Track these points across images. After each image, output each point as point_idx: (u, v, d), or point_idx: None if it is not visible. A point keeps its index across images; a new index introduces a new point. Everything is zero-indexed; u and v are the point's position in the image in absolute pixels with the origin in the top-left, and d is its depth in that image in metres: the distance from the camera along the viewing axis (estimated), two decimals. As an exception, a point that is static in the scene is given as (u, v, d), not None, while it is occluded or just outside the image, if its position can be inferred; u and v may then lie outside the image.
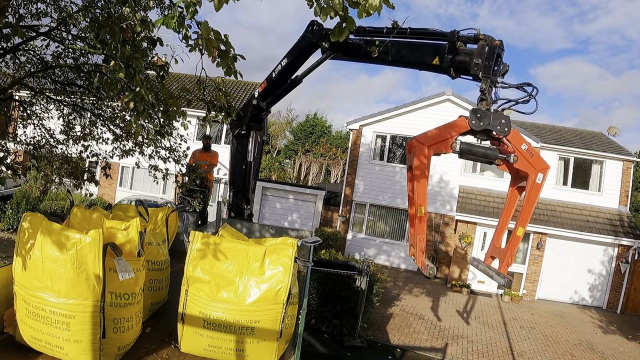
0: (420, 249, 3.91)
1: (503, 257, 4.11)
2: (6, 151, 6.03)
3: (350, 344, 8.24)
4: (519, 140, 3.89)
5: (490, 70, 3.94)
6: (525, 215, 4.01)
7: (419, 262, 3.93)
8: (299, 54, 5.87)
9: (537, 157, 3.89)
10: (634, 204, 21.29)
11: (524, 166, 3.91)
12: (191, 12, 2.43)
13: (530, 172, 3.90)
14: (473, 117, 3.83)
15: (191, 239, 3.14)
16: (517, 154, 3.88)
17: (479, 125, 3.84)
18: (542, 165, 3.90)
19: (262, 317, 2.99)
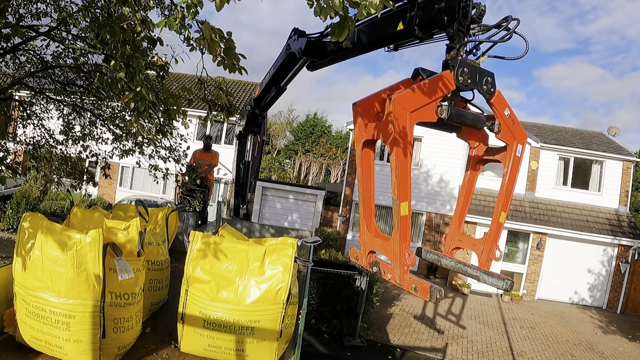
0: (403, 262, 2.76)
1: (485, 249, 3.31)
2: (6, 151, 6.03)
3: (350, 343, 8.24)
4: (502, 104, 3.16)
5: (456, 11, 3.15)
6: (506, 197, 3.27)
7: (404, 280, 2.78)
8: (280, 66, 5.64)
9: (518, 124, 3.21)
10: (633, 204, 21.29)
11: (505, 136, 3.19)
12: (192, 13, 2.44)
13: (510, 143, 3.20)
14: (461, 72, 2.91)
15: (191, 239, 3.14)
16: (499, 121, 3.15)
17: (467, 84, 2.96)
18: (522, 134, 3.23)
19: (262, 317, 2.99)
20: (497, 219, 3.28)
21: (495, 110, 3.17)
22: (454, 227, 3.63)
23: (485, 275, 2.98)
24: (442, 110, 2.82)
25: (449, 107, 2.87)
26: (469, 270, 3.14)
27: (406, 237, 2.79)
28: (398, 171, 2.71)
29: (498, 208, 3.29)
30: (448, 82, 2.91)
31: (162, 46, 3.64)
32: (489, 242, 3.29)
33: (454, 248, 3.61)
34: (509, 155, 3.23)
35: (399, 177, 2.71)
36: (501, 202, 3.29)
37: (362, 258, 3.24)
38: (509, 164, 3.22)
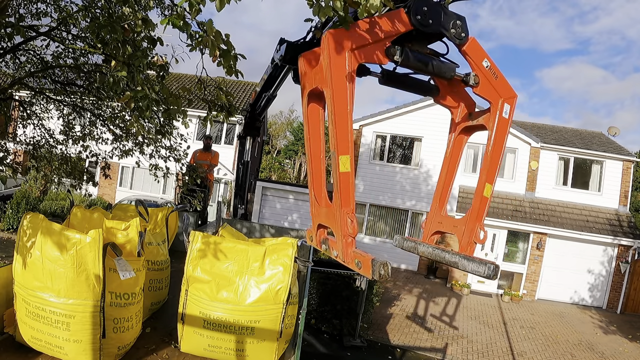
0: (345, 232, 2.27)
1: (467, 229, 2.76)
2: (6, 151, 6.03)
3: (350, 343, 8.24)
4: (479, 54, 2.66)
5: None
6: (492, 166, 2.75)
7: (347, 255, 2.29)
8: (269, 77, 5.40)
9: (502, 79, 2.73)
10: (633, 204, 21.29)
11: (486, 92, 2.70)
12: (195, 12, 2.44)
13: (494, 101, 2.71)
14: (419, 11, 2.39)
15: (191, 239, 3.14)
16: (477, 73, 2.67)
17: (427, 24, 2.41)
18: (509, 92, 2.73)
19: (262, 317, 2.99)
20: (481, 193, 2.74)
21: (471, 60, 2.68)
22: (434, 209, 3.11)
23: (464, 261, 2.49)
24: (394, 51, 2.39)
25: (405, 49, 2.43)
26: (447, 257, 2.66)
27: (348, 200, 2.28)
28: (335, 117, 2.21)
29: (482, 179, 2.74)
30: (401, 21, 2.38)
31: (162, 46, 3.64)
32: (470, 222, 2.73)
33: (434, 233, 3.07)
34: (493, 115, 2.72)
35: (337, 125, 2.21)
36: (485, 172, 2.75)
37: (313, 236, 2.74)
38: (494, 125, 2.71)
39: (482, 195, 2.73)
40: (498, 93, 2.70)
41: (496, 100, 2.70)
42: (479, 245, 3.02)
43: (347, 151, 2.23)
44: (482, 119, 2.84)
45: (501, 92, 2.71)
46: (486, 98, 2.72)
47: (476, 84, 2.66)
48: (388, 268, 2.05)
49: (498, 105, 2.69)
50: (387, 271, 2.05)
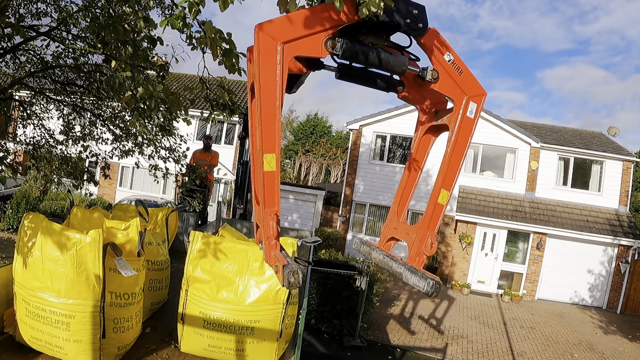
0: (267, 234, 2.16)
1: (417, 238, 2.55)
2: (6, 151, 6.02)
3: (350, 343, 8.24)
4: (440, 47, 2.43)
5: None
6: (450, 170, 2.54)
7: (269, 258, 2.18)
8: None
9: (468, 75, 2.47)
10: (634, 204, 21.29)
11: (448, 89, 2.45)
12: (194, 12, 2.44)
13: (457, 99, 2.46)
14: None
15: (191, 239, 3.15)
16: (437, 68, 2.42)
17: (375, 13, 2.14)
18: (476, 89, 2.48)
19: (262, 317, 2.99)
20: (435, 199, 2.53)
21: (430, 52, 2.42)
22: (392, 213, 2.90)
23: (408, 273, 2.36)
24: (333, 43, 2.17)
25: (345, 41, 2.19)
26: (393, 267, 2.51)
27: (272, 200, 2.13)
28: (262, 112, 2.05)
29: (437, 185, 2.54)
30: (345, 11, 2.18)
31: (162, 46, 3.65)
32: (421, 230, 2.53)
33: (390, 239, 2.87)
34: (455, 114, 2.48)
35: (263, 121, 2.06)
36: (442, 177, 2.54)
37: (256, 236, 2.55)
38: (455, 125, 2.48)
39: (436, 202, 2.53)
40: (462, 90, 2.47)
41: (460, 97, 2.47)
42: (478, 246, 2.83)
43: (272, 149, 2.10)
44: (446, 118, 2.62)
45: (466, 89, 2.47)
46: (448, 95, 2.49)
47: (434, 80, 2.41)
48: (298, 277, 1.95)
49: (462, 104, 2.46)
50: (297, 279, 1.96)
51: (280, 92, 2.07)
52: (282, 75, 2.07)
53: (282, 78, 2.08)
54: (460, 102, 2.47)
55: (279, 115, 2.10)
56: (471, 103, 2.47)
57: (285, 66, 2.08)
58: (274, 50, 2.05)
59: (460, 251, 14.44)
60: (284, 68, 2.07)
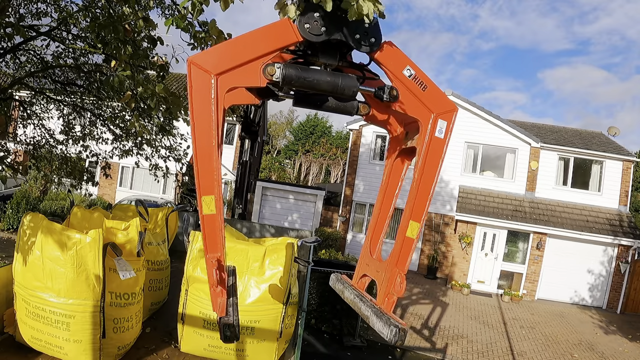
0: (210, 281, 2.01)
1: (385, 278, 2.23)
2: (6, 151, 6.03)
3: (350, 343, 8.24)
4: (397, 61, 2.13)
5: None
6: (420, 200, 2.22)
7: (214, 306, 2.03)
8: None
9: (434, 90, 2.17)
10: (633, 204, 21.30)
11: (411, 107, 2.16)
12: (197, 12, 2.44)
13: (422, 118, 2.16)
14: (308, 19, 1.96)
15: (191, 239, 3.15)
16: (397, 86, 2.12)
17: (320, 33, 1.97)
18: (445, 105, 2.18)
19: (262, 317, 2.99)
20: (403, 233, 2.19)
21: (386, 69, 2.13)
22: (365, 248, 2.56)
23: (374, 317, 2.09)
24: (272, 69, 1.95)
25: (286, 66, 1.97)
26: (362, 308, 2.22)
27: (215, 245, 1.99)
28: (197, 154, 1.90)
29: (406, 216, 2.20)
30: (287, 32, 1.98)
31: (162, 46, 3.65)
32: (389, 268, 2.21)
33: (362, 276, 2.54)
34: (422, 134, 2.17)
35: (199, 160, 1.91)
36: (411, 207, 2.21)
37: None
38: (422, 148, 2.17)
39: (404, 235, 2.19)
40: (428, 107, 2.15)
41: (426, 116, 2.17)
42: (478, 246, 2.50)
43: (211, 191, 1.92)
44: (415, 140, 2.31)
45: (433, 106, 2.16)
46: (412, 115, 2.18)
47: (393, 99, 2.11)
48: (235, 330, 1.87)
49: (429, 123, 2.16)
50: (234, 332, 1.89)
51: (217, 129, 1.90)
52: (217, 111, 1.89)
53: (218, 113, 1.90)
54: (427, 121, 2.16)
55: (216, 153, 1.91)
56: (440, 121, 2.17)
57: (220, 101, 1.91)
58: (208, 85, 1.88)
59: (460, 251, 14.44)
60: (218, 103, 1.90)
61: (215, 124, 1.90)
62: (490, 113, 15.30)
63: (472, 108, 15.34)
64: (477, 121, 15.38)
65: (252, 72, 1.96)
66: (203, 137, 1.90)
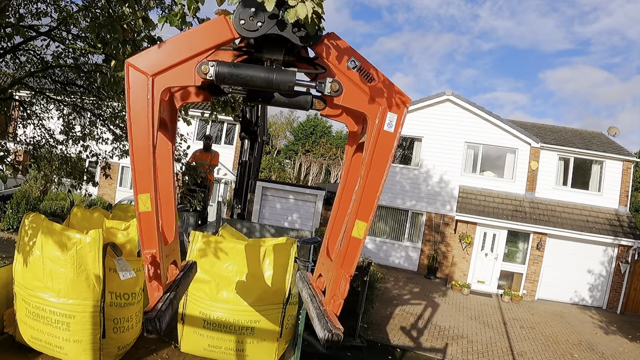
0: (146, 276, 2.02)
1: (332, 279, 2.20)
2: (6, 151, 6.03)
3: (350, 343, 8.23)
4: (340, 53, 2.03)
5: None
6: (367, 198, 2.08)
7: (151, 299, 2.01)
8: None
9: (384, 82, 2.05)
10: (634, 204, 21.30)
11: (357, 101, 2.05)
12: (193, 10, 2.43)
13: (370, 112, 2.05)
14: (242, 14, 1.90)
15: (191, 239, 3.15)
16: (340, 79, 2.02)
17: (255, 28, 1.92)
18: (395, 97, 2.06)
19: (262, 317, 2.99)
20: (349, 232, 2.08)
21: (328, 61, 2.02)
22: (323, 247, 2.48)
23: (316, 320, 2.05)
24: (206, 68, 1.95)
25: (219, 64, 1.95)
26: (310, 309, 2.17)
27: (150, 242, 1.99)
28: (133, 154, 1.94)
29: (352, 215, 2.08)
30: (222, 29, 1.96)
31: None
32: (335, 269, 2.14)
33: (319, 275, 2.48)
34: (370, 129, 2.05)
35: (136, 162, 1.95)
36: (357, 205, 2.07)
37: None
38: (369, 143, 2.05)
39: (350, 235, 2.07)
40: (375, 100, 2.03)
41: (373, 109, 2.04)
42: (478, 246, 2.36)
43: (147, 189, 1.95)
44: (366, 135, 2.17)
45: (381, 99, 2.04)
46: (357, 108, 2.07)
47: (336, 93, 2.01)
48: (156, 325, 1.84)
49: (376, 116, 2.03)
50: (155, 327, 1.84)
51: (152, 129, 1.92)
52: (152, 112, 1.91)
53: (154, 114, 1.92)
54: (374, 115, 2.04)
55: (152, 153, 1.95)
56: (389, 114, 2.04)
57: (156, 101, 1.93)
58: (144, 86, 1.91)
59: (460, 251, 14.44)
60: (154, 103, 1.92)
61: (151, 125, 1.92)
62: (490, 113, 15.30)
63: (472, 108, 15.34)
64: (477, 121, 15.38)
65: (187, 72, 1.96)
66: (139, 137, 1.93)
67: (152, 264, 1.98)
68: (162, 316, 1.85)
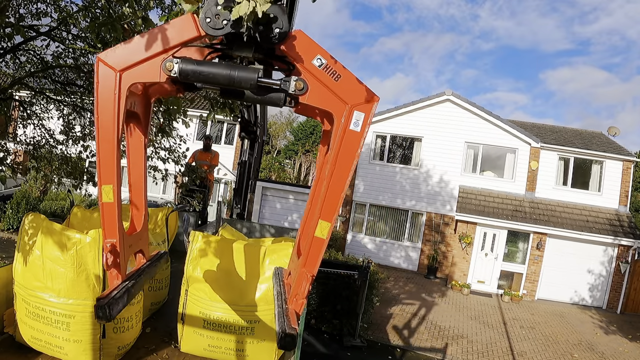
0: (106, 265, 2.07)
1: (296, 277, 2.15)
2: (6, 151, 6.03)
3: (350, 343, 8.23)
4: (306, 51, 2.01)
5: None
6: (331, 198, 2.04)
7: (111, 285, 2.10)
8: None
9: (350, 80, 2.02)
10: (634, 204, 21.30)
11: (323, 99, 2.03)
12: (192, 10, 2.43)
13: (336, 110, 2.03)
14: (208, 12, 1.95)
15: (191, 239, 3.15)
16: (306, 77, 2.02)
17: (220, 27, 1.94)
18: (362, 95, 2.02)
19: (262, 317, 2.99)
20: (312, 232, 2.05)
21: (294, 60, 2.02)
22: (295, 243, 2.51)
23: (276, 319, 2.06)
24: (170, 65, 1.98)
25: (183, 61, 1.98)
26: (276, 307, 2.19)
27: (111, 231, 2.05)
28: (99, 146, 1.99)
29: (314, 214, 2.07)
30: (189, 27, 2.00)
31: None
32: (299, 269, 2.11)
33: (289, 273, 2.48)
34: (336, 128, 2.03)
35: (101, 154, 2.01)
36: (320, 204, 2.03)
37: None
38: (334, 142, 2.02)
39: (313, 235, 2.04)
40: (341, 99, 2.01)
41: (340, 108, 2.02)
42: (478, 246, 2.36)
43: (110, 180, 2.03)
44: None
45: (348, 97, 2.01)
46: (324, 107, 2.05)
47: (301, 92, 2.00)
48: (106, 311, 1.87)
49: (342, 115, 2.00)
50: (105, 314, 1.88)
51: (117, 124, 1.99)
52: (118, 107, 1.98)
53: (119, 109, 1.98)
54: (340, 114, 2.02)
55: (117, 146, 2.02)
56: (356, 113, 2.01)
57: (122, 96, 1.99)
58: (111, 81, 1.98)
59: (460, 251, 14.44)
60: (120, 98, 1.98)
61: (117, 119, 1.99)
62: (490, 113, 15.30)
63: (472, 108, 15.34)
64: (477, 121, 15.39)
65: (153, 68, 2.01)
66: (105, 130, 2.00)
67: (111, 252, 2.04)
68: (113, 304, 1.88)
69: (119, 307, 1.92)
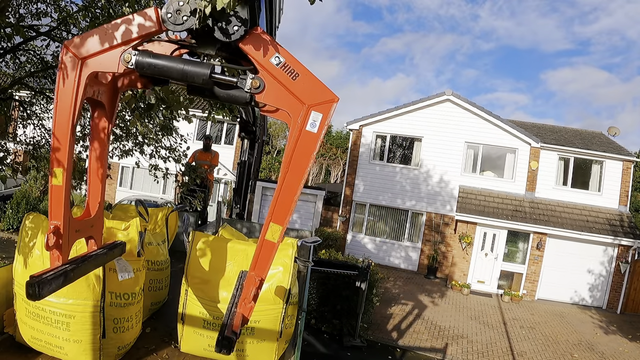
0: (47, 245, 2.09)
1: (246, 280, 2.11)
2: (6, 151, 6.03)
3: (350, 343, 8.24)
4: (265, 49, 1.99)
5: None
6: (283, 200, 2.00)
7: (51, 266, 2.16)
8: None
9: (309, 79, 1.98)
10: (634, 204, 21.30)
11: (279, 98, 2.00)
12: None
13: (292, 110, 1.99)
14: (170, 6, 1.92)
15: (191, 239, 3.15)
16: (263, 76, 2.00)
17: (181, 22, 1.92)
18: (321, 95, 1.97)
19: (262, 317, 2.99)
20: (263, 235, 2.03)
21: (252, 57, 1.99)
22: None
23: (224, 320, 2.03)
24: (128, 57, 1.98)
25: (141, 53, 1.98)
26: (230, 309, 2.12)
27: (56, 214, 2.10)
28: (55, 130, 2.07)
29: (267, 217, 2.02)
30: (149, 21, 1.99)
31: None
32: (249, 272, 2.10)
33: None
34: (292, 129, 1.99)
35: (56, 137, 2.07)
36: (273, 207, 2.01)
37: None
38: (289, 143, 1.99)
39: (264, 238, 2.01)
40: (298, 98, 1.96)
41: (297, 108, 1.97)
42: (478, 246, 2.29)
43: (61, 164, 2.08)
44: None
45: (305, 97, 1.96)
46: (280, 107, 2.01)
47: (257, 90, 1.98)
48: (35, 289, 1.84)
49: (299, 115, 1.96)
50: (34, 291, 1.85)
51: (74, 110, 2.04)
52: (76, 94, 2.01)
53: (77, 96, 2.01)
54: (297, 114, 1.97)
55: (72, 132, 2.09)
56: (313, 113, 1.95)
57: (82, 84, 2.02)
58: (73, 67, 2.01)
59: (460, 251, 14.44)
60: (79, 86, 2.02)
61: (74, 105, 2.04)
62: (490, 113, 15.30)
63: (472, 108, 15.35)
64: (477, 121, 15.39)
65: (112, 59, 2.03)
66: (62, 115, 2.05)
67: (54, 233, 2.08)
68: (43, 283, 1.87)
69: (51, 287, 1.91)
